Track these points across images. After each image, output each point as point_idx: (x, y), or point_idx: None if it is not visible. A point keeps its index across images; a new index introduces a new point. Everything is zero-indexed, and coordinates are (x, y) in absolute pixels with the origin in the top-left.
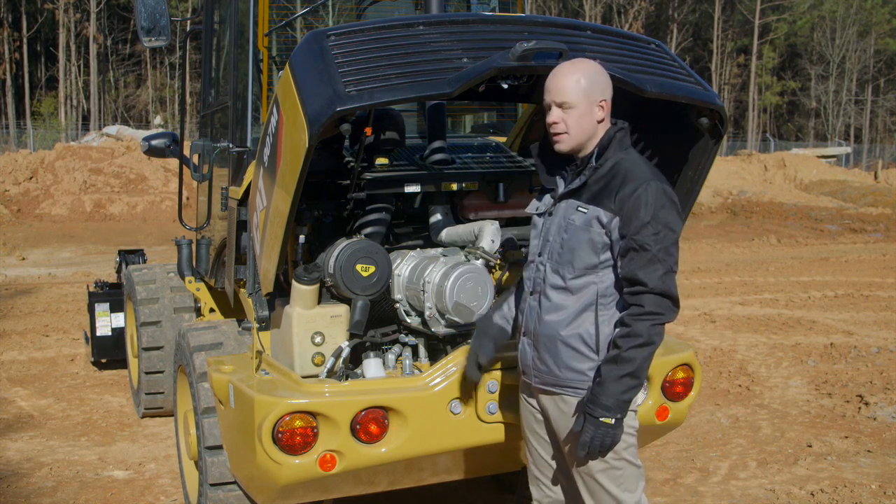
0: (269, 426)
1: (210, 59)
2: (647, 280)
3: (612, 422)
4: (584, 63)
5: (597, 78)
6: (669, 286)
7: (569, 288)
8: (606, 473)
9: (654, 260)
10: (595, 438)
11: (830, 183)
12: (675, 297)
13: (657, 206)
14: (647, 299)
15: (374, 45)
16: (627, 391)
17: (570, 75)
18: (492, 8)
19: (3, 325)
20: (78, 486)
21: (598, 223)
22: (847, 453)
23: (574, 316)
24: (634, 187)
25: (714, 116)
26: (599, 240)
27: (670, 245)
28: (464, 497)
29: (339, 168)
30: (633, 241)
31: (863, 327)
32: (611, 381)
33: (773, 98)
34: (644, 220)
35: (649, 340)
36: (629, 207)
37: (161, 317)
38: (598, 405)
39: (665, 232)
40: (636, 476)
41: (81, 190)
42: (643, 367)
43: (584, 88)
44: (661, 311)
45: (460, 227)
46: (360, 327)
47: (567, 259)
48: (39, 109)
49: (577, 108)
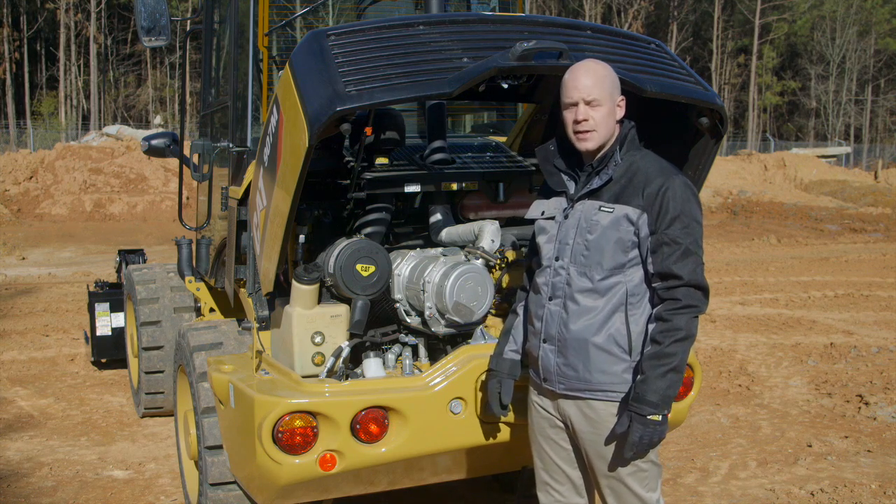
0: (269, 426)
1: (210, 58)
2: (681, 273)
3: (659, 418)
4: (594, 63)
5: (615, 78)
6: (701, 278)
7: (597, 290)
8: (634, 476)
9: (687, 253)
10: (644, 437)
11: (830, 183)
12: (706, 289)
13: (684, 199)
14: (683, 292)
15: (375, 45)
16: (672, 386)
17: (596, 73)
18: (492, 8)
19: (3, 325)
20: (78, 485)
21: (626, 221)
22: (847, 453)
23: (605, 318)
24: (661, 183)
25: (714, 116)
26: (628, 238)
27: (698, 237)
28: (464, 497)
29: (339, 168)
30: (665, 236)
31: (863, 327)
32: (655, 377)
33: (773, 98)
34: (673, 214)
35: (689, 333)
36: (658, 203)
37: (161, 316)
38: (645, 403)
39: (693, 225)
40: (658, 475)
41: (81, 190)
42: (684, 361)
43: (609, 87)
44: (696, 303)
45: (460, 226)
46: (360, 327)
47: (595, 260)
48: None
49: (604, 105)
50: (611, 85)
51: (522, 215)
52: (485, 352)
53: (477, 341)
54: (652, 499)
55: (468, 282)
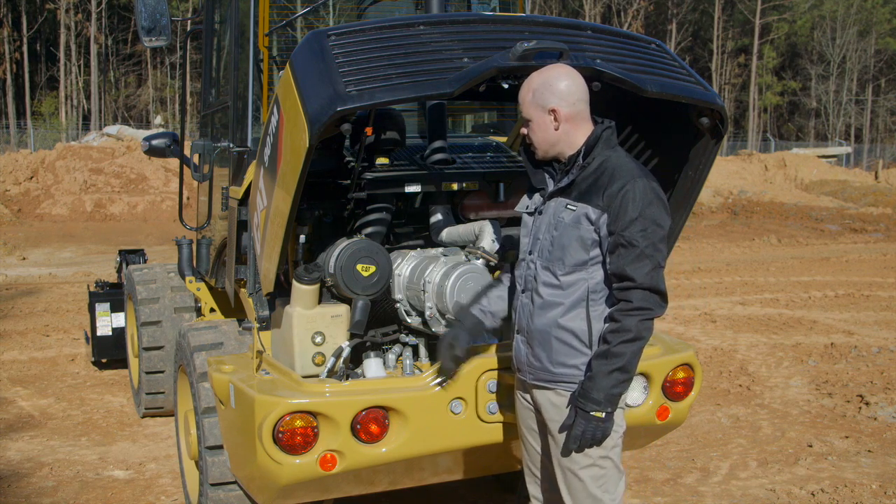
0: (269, 426)
1: (210, 59)
2: (634, 276)
3: (602, 415)
4: (538, 75)
5: (544, 88)
6: (657, 281)
7: (560, 285)
8: (589, 471)
9: (641, 256)
10: (587, 431)
11: (831, 183)
12: (662, 292)
13: (644, 202)
14: (636, 295)
15: (375, 45)
16: (617, 385)
17: (523, 90)
18: (492, 8)
19: (4, 325)
20: (78, 485)
21: (586, 220)
22: (847, 453)
23: (565, 312)
24: (622, 184)
25: (714, 116)
26: (588, 236)
27: (658, 241)
28: (464, 497)
29: (339, 168)
30: (622, 238)
31: (863, 327)
32: (601, 375)
33: (774, 98)
34: (632, 216)
35: (638, 335)
36: (617, 204)
37: (161, 316)
38: (589, 399)
39: (652, 228)
40: (617, 478)
41: (82, 190)
42: (632, 362)
43: (532, 101)
44: (650, 307)
45: (461, 226)
46: (361, 327)
47: (557, 256)
48: (40, 109)
49: (533, 120)
50: (535, 98)
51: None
52: (485, 352)
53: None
54: (608, 500)
55: (469, 282)
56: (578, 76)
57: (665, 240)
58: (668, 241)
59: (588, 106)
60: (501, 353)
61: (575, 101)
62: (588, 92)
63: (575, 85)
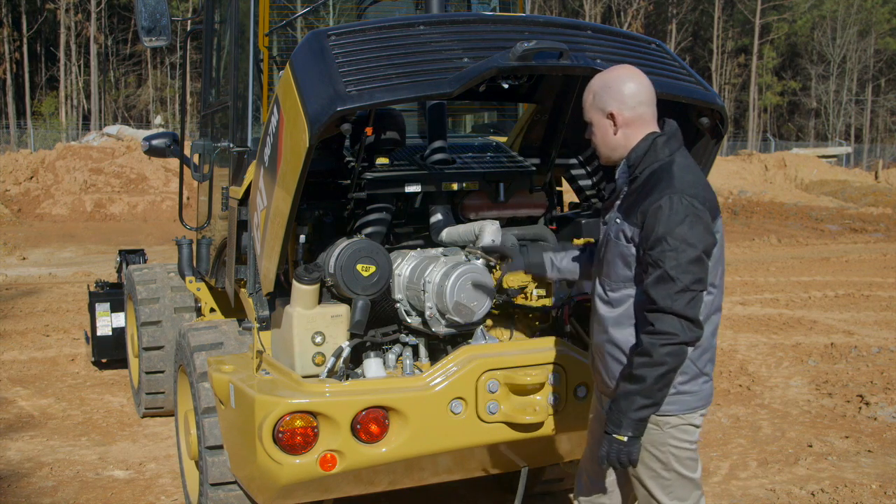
0: (269, 426)
1: (211, 58)
2: (657, 298)
3: (624, 439)
4: (599, 77)
5: (603, 91)
6: (681, 305)
7: (610, 301)
8: (655, 482)
9: (665, 278)
10: (610, 453)
11: (831, 183)
12: (690, 318)
13: (675, 220)
14: (658, 318)
15: (375, 45)
16: (638, 410)
17: (585, 93)
18: (492, 8)
19: (4, 325)
20: (78, 485)
21: (624, 237)
22: (847, 453)
23: (616, 327)
24: (656, 199)
25: (714, 116)
26: (628, 252)
27: (687, 262)
28: (464, 497)
29: (339, 168)
30: (649, 257)
31: (863, 327)
32: (622, 398)
33: (774, 98)
34: (659, 234)
35: (660, 361)
36: (649, 221)
37: (161, 316)
38: (611, 421)
39: (682, 248)
40: (689, 486)
41: (82, 190)
42: (655, 388)
43: (592, 104)
44: (674, 332)
45: (461, 226)
46: (361, 327)
47: (606, 271)
48: (40, 109)
49: (593, 124)
50: (593, 103)
51: (523, 215)
52: (485, 352)
53: (477, 341)
54: None
55: (468, 282)
56: (642, 78)
57: (700, 261)
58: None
59: (653, 108)
60: (501, 353)
61: (635, 104)
62: (653, 89)
63: (637, 87)
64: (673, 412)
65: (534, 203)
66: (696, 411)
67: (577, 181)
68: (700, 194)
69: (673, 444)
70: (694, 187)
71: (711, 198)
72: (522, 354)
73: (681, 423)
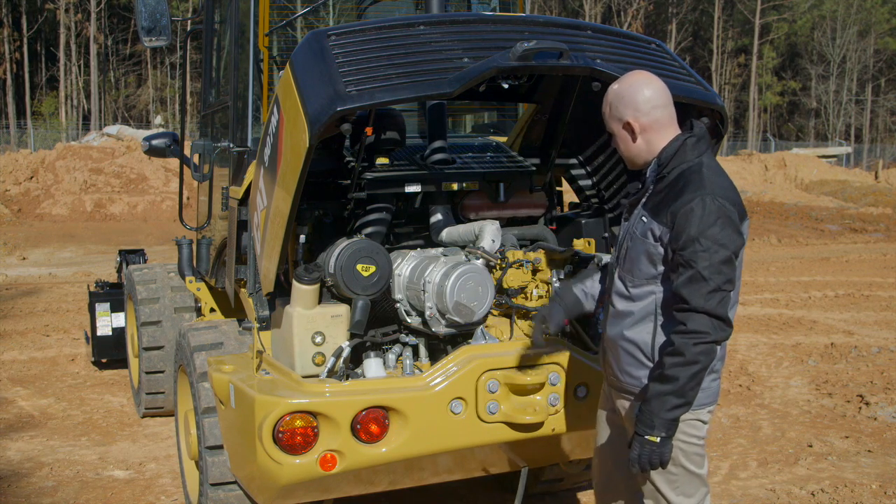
0: (269, 426)
1: (211, 59)
2: (689, 298)
3: (657, 440)
4: (613, 87)
5: (618, 101)
6: (713, 305)
7: (630, 296)
8: (663, 476)
9: (698, 278)
10: (642, 455)
11: (831, 183)
12: (721, 317)
13: (707, 221)
14: (690, 317)
15: (375, 45)
16: (672, 410)
17: (603, 105)
18: (492, 8)
19: (4, 325)
20: (78, 485)
21: (652, 235)
22: (848, 453)
23: (633, 324)
24: (688, 200)
25: (714, 116)
26: (655, 251)
27: (719, 262)
28: (464, 497)
29: (339, 168)
30: (681, 257)
31: (863, 327)
32: (654, 398)
33: (774, 98)
34: (692, 235)
35: (693, 360)
36: (680, 221)
37: (161, 316)
38: (643, 422)
39: (714, 248)
40: (695, 482)
41: (82, 190)
42: (687, 387)
43: (609, 115)
44: (706, 331)
45: (461, 226)
46: (361, 327)
47: (628, 268)
48: (40, 109)
49: (614, 134)
50: (610, 113)
51: (523, 215)
52: (485, 352)
53: (477, 341)
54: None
55: (469, 282)
56: (656, 82)
57: (730, 262)
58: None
59: (671, 110)
60: (501, 353)
61: (650, 109)
62: (668, 91)
63: (650, 93)
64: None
65: (534, 203)
66: (705, 408)
67: (577, 181)
68: (730, 196)
69: (681, 440)
70: (724, 189)
71: (739, 200)
72: (522, 354)
73: (690, 418)
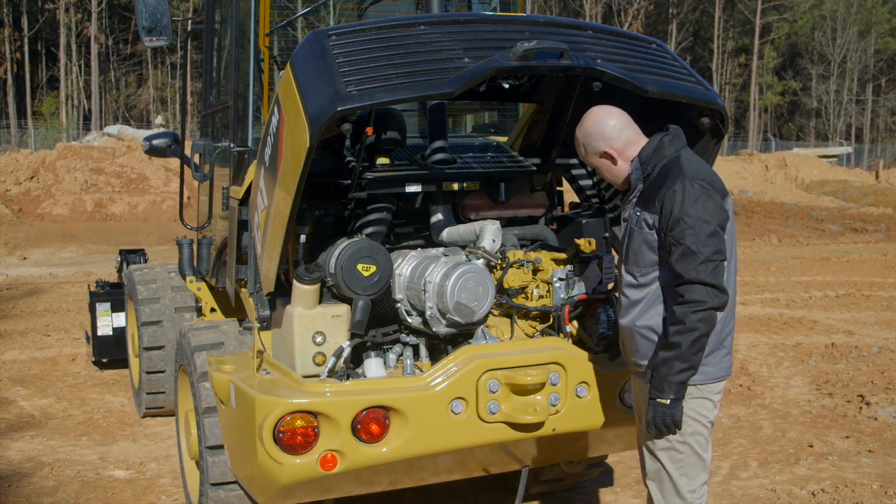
0: (270, 426)
1: (211, 58)
2: (683, 272)
3: (667, 402)
4: (578, 130)
5: (587, 139)
6: (706, 274)
7: (639, 284)
8: (668, 453)
9: (687, 253)
10: (656, 417)
11: (831, 183)
12: (715, 284)
13: (688, 201)
14: (687, 289)
15: (376, 45)
16: (678, 373)
17: (576, 147)
18: (493, 8)
19: (5, 325)
20: (79, 485)
21: (646, 225)
22: (848, 453)
23: (645, 309)
24: (670, 186)
25: (715, 116)
26: (652, 238)
27: (706, 236)
28: (464, 497)
29: (340, 168)
30: (671, 237)
31: (864, 327)
32: (661, 364)
33: (774, 98)
34: (677, 215)
35: (692, 327)
36: (666, 206)
37: (162, 316)
38: (654, 387)
39: (698, 224)
40: (698, 466)
41: (82, 189)
42: (690, 352)
43: (586, 154)
44: (702, 299)
45: (461, 226)
46: (361, 327)
47: (633, 260)
48: (40, 109)
49: (597, 166)
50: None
51: (523, 215)
52: (486, 352)
53: (478, 341)
54: (685, 485)
55: (469, 282)
56: (612, 110)
57: (716, 233)
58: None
59: (634, 126)
60: (502, 353)
61: (618, 133)
62: (625, 114)
63: (615, 120)
64: (693, 381)
65: (534, 203)
66: (717, 382)
67: (577, 181)
68: (708, 178)
69: (689, 415)
70: (702, 173)
71: (719, 181)
72: (523, 354)
73: (699, 395)
